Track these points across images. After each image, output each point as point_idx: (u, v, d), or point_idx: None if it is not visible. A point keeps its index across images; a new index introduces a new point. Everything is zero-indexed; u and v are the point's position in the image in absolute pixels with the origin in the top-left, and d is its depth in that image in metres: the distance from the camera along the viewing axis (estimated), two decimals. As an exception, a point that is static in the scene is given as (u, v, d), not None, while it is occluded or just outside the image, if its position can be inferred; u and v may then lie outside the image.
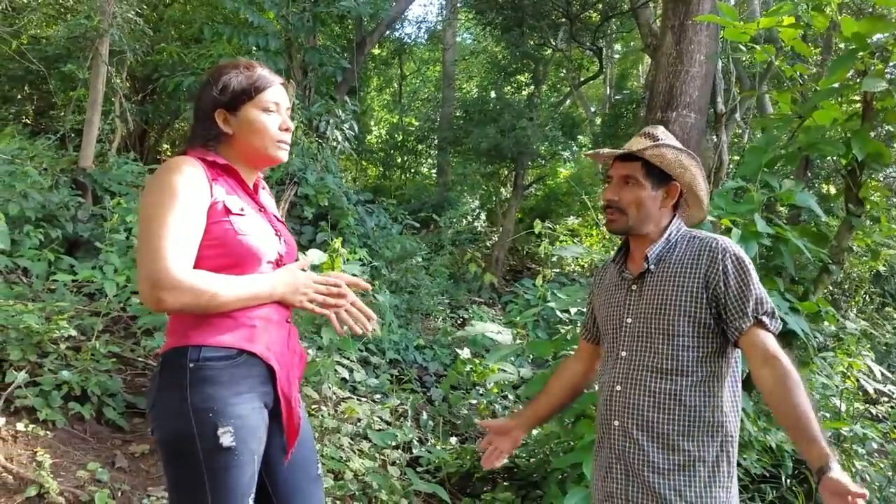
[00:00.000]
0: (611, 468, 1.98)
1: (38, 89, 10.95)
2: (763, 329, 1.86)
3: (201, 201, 1.73)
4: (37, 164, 6.58)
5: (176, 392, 1.70)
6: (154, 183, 1.74)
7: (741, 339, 1.87)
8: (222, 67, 1.91)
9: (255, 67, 1.91)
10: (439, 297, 8.27)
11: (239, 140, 1.87)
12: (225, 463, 1.68)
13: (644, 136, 2.03)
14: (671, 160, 1.96)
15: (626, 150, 1.99)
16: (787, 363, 1.80)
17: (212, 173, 1.80)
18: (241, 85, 1.85)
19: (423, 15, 30.88)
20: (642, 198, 1.98)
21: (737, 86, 8.75)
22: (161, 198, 1.69)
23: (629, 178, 1.99)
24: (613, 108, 14.73)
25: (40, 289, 4.90)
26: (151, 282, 1.62)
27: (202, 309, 1.69)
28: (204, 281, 1.67)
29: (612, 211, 2.01)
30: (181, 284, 1.63)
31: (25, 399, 3.62)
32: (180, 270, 1.63)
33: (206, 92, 1.87)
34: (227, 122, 1.86)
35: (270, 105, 1.88)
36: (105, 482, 3.31)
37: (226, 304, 1.71)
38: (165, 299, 1.62)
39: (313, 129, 8.14)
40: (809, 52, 3.65)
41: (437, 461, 4.22)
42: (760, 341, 1.85)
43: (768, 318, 1.87)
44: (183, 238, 1.67)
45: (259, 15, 8.19)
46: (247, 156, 1.89)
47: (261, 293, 1.78)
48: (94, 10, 7.31)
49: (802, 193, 3.11)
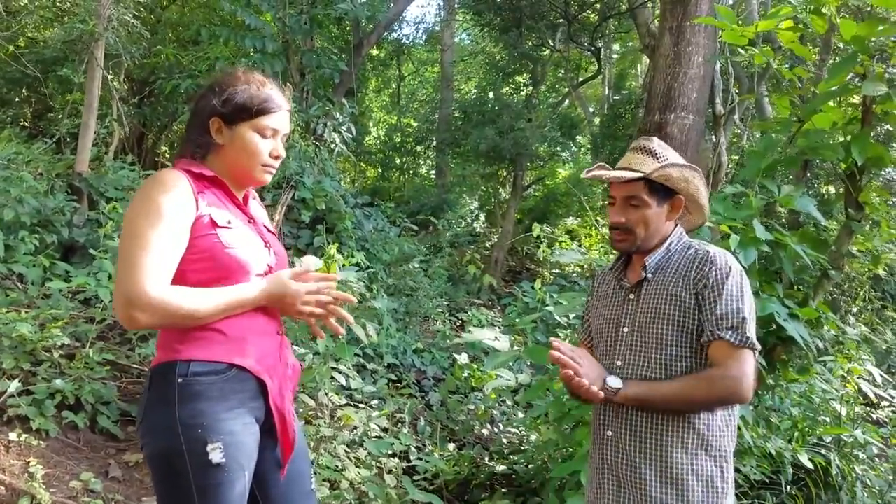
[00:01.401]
0: (602, 481, 1.96)
1: (36, 92, 10.91)
2: (724, 344, 1.82)
3: (185, 217, 1.70)
4: (33, 168, 6.56)
5: (165, 407, 1.68)
6: (138, 198, 1.72)
7: (707, 349, 1.86)
8: (233, 76, 1.86)
9: (266, 86, 1.86)
10: (438, 299, 8.24)
11: (228, 154, 1.84)
12: (215, 479, 1.67)
13: (641, 152, 1.99)
14: (676, 178, 1.95)
15: (633, 174, 1.93)
16: (722, 376, 1.80)
17: (198, 186, 1.77)
18: (244, 101, 1.81)
19: (421, 16, 30.91)
20: (648, 216, 1.96)
21: (735, 87, 8.72)
22: (144, 213, 1.67)
23: (633, 198, 1.95)
24: (612, 109, 14.69)
25: (35, 295, 4.88)
26: (125, 299, 1.61)
27: (179, 324, 1.68)
28: (180, 297, 1.65)
29: (619, 232, 1.99)
30: (154, 303, 1.61)
31: (18, 408, 3.60)
32: (155, 289, 1.61)
33: (207, 96, 1.84)
34: (221, 132, 1.82)
35: (268, 130, 1.84)
36: (98, 492, 3.29)
37: (205, 317, 1.69)
38: (139, 318, 1.61)
39: (311, 131, 8.10)
40: (809, 54, 3.62)
41: (435, 468, 4.19)
42: (715, 355, 1.83)
43: (732, 332, 1.82)
44: (162, 255, 1.64)
45: (256, 17, 8.15)
46: (232, 171, 1.86)
47: (246, 299, 1.75)
48: (91, 13, 7.28)
49: (802, 198, 3.07)
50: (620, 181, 1.96)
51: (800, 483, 3.72)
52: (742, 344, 1.80)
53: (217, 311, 1.70)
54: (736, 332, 1.81)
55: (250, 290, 1.76)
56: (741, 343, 1.80)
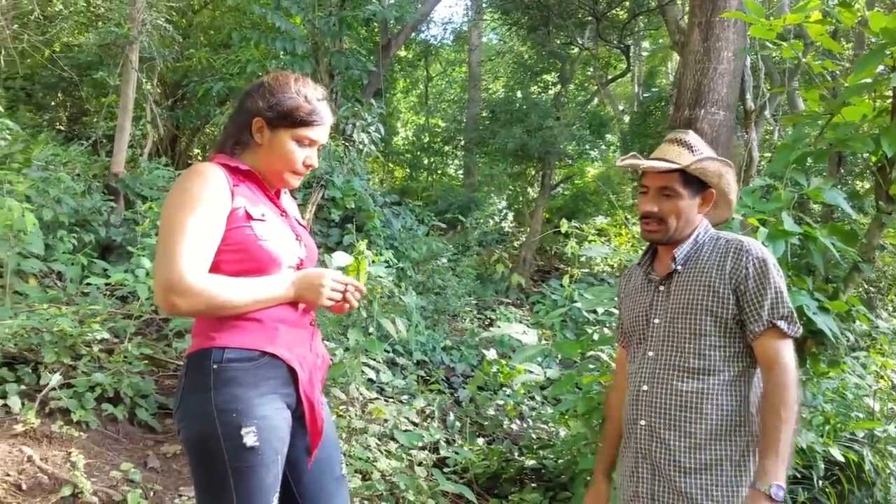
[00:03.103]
0: (637, 468, 1.99)
1: (71, 96, 11.16)
2: (777, 333, 1.86)
3: (221, 208, 1.76)
4: (70, 169, 6.72)
5: (201, 393, 1.73)
6: (177, 188, 1.78)
7: (755, 341, 1.89)
8: (285, 82, 1.89)
9: (315, 100, 1.89)
10: (466, 297, 8.27)
11: (263, 154, 1.89)
12: (249, 462, 1.72)
13: (677, 144, 2.01)
14: (712, 171, 1.97)
15: (671, 165, 1.96)
16: (783, 375, 1.82)
17: (234, 179, 1.83)
18: (290, 109, 1.85)
19: (448, 16, 31.02)
20: (681, 207, 1.98)
21: (767, 82, 8.64)
22: (182, 203, 1.73)
23: (667, 188, 1.97)
24: (642, 106, 14.62)
25: (74, 292, 5.01)
26: (166, 286, 1.65)
27: (216, 312, 1.72)
28: (218, 286, 1.69)
29: (650, 221, 2.00)
30: (194, 289, 1.65)
31: (60, 401, 3.70)
32: (195, 275, 1.66)
33: (256, 96, 1.88)
34: (262, 132, 1.87)
35: (306, 140, 1.89)
36: (137, 482, 3.37)
37: (241, 307, 1.73)
38: (178, 304, 1.65)
39: (340, 132, 8.18)
40: (838, 47, 3.59)
41: (464, 462, 4.23)
42: (768, 346, 1.86)
43: (784, 322, 1.86)
44: (200, 244, 1.69)
45: (286, 20, 8.26)
46: (263, 170, 1.91)
47: (276, 294, 1.79)
48: (125, 17, 7.45)
49: (831, 191, 3.05)
50: (657, 171, 1.98)
51: (832, 479, 3.69)
52: (794, 333, 1.86)
53: (252, 302, 1.74)
54: (790, 324, 1.86)
55: (282, 285, 1.80)
56: (794, 332, 1.86)
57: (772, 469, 1.75)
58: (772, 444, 1.78)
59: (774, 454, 1.77)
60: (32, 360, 3.99)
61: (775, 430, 1.78)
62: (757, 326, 1.86)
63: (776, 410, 1.80)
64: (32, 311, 4.26)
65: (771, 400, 1.82)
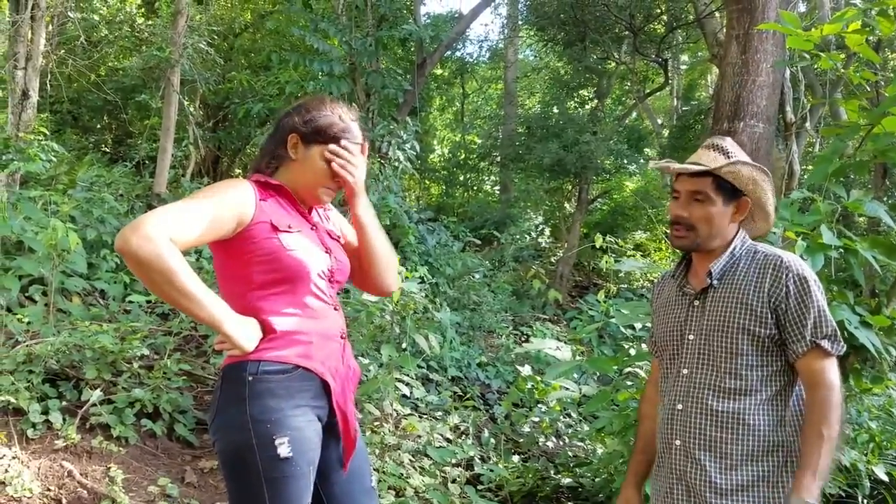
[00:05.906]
0: (672, 489, 1.94)
1: (116, 119, 11.47)
2: (821, 353, 1.82)
3: (236, 210, 1.80)
4: (113, 190, 6.90)
5: (236, 404, 1.77)
6: (207, 186, 1.90)
7: (798, 361, 1.84)
8: (321, 102, 1.99)
9: (349, 119, 1.98)
10: (502, 313, 8.24)
11: (296, 169, 1.95)
12: (282, 472, 1.75)
13: (713, 149, 1.96)
14: (745, 177, 1.91)
15: (701, 167, 1.91)
16: (827, 394, 1.79)
17: (262, 194, 1.88)
18: (324, 125, 1.94)
19: (484, 34, 31.10)
20: (712, 214, 1.91)
21: (808, 94, 8.48)
22: (202, 191, 1.81)
23: (699, 193, 1.91)
24: (681, 120, 14.45)
25: (116, 310, 5.12)
26: (134, 223, 1.63)
27: (153, 275, 1.63)
28: (177, 257, 1.64)
29: (679, 227, 1.94)
30: (152, 237, 1.60)
31: (100, 416, 3.78)
32: (163, 231, 1.63)
33: (292, 114, 1.98)
34: (296, 148, 1.94)
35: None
36: (175, 497, 3.42)
37: (176, 289, 1.65)
38: (130, 239, 1.59)
39: (375, 149, 8.27)
40: (875, 56, 3.51)
41: (499, 479, 4.19)
42: (812, 366, 1.82)
43: (828, 341, 1.82)
44: (191, 220, 1.70)
45: (324, 42, 8.40)
46: (295, 186, 1.96)
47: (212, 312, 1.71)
48: (167, 41, 7.65)
49: (871, 203, 2.98)
50: (687, 173, 1.94)
51: (878, 497, 3.57)
52: (838, 352, 1.82)
53: (190, 295, 1.66)
54: (834, 343, 1.82)
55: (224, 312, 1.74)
56: (837, 351, 1.82)
57: (807, 485, 1.72)
58: (810, 462, 1.74)
59: (812, 471, 1.73)
60: (74, 377, 4.08)
61: (816, 447, 1.75)
62: (800, 347, 1.82)
63: (818, 429, 1.76)
64: (75, 328, 4.37)
65: (814, 418, 1.78)
